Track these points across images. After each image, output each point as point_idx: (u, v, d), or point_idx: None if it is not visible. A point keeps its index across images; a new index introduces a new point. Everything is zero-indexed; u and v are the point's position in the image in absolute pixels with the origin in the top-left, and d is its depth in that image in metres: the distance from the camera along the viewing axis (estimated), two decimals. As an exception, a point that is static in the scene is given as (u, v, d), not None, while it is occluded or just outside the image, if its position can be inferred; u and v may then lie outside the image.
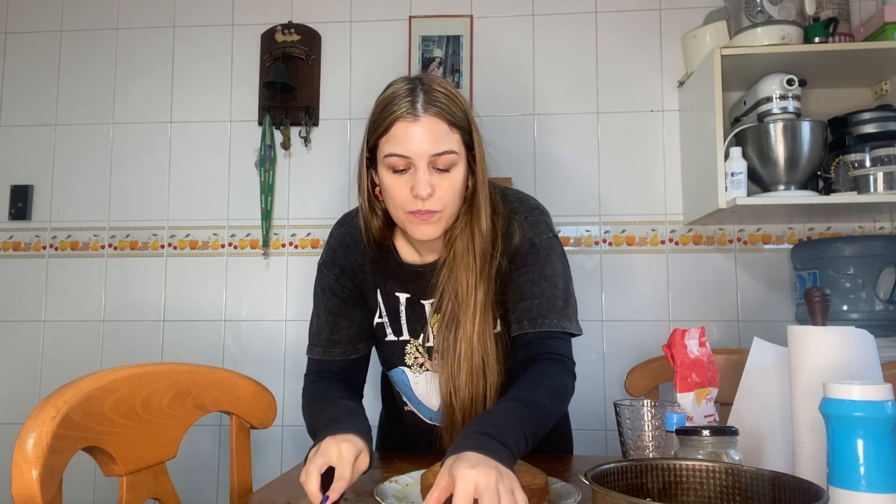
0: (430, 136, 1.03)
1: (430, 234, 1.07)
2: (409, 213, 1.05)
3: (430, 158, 1.03)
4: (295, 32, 2.22)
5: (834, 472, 0.72)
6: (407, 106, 1.03)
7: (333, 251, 1.20)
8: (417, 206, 1.04)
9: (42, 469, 0.69)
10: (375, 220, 1.14)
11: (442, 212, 1.06)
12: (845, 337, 0.86)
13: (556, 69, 2.20)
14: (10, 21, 2.36)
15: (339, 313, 1.17)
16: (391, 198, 1.06)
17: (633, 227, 2.13)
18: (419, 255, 1.18)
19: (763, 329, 2.02)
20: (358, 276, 1.18)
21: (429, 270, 1.16)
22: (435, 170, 1.05)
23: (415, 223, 1.06)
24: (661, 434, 0.99)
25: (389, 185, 1.05)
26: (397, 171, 1.04)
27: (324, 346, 1.17)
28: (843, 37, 1.97)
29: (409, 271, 1.17)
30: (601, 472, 0.69)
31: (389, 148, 1.04)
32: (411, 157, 1.03)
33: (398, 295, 1.18)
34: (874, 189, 1.77)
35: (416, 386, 1.21)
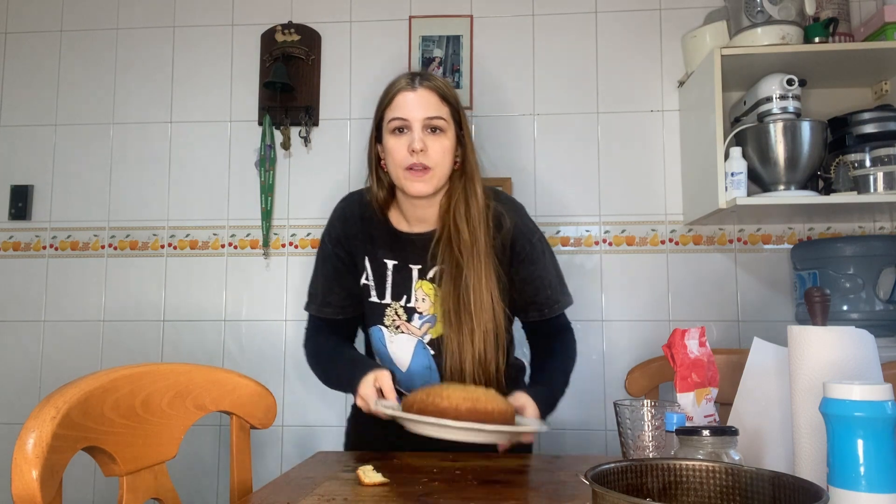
0: (423, 103, 1.26)
1: (422, 190, 1.26)
2: (405, 170, 1.25)
3: (424, 121, 1.25)
4: (295, 32, 2.22)
5: (834, 472, 0.72)
6: (407, 81, 1.28)
7: (332, 223, 1.39)
8: (413, 161, 1.24)
9: (42, 469, 0.69)
10: (381, 191, 1.34)
11: (433, 170, 1.26)
12: (845, 337, 0.86)
13: (556, 69, 2.20)
14: (10, 21, 2.36)
15: (333, 280, 1.36)
16: (392, 157, 1.27)
17: (633, 227, 2.13)
18: (409, 225, 1.35)
19: (763, 329, 2.02)
20: (351, 244, 1.36)
21: (420, 238, 1.34)
22: (428, 132, 1.26)
23: (410, 179, 1.25)
24: (661, 434, 0.99)
25: (391, 147, 1.27)
26: (397, 133, 1.26)
27: (318, 305, 1.38)
28: (843, 37, 1.97)
29: (401, 239, 1.35)
30: (601, 472, 0.69)
31: (391, 114, 1.27)
32: (408, 118, 1.25)
33: (386, 261, 1.34)
34: (874, 189, 1.77)
35: (390, 345, 1.35)
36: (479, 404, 1.07)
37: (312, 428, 2.14)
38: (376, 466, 1.08)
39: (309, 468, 1.14)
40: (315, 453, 1.28)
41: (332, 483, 1.02)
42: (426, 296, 1.33)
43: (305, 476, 1.08)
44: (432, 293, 1.33)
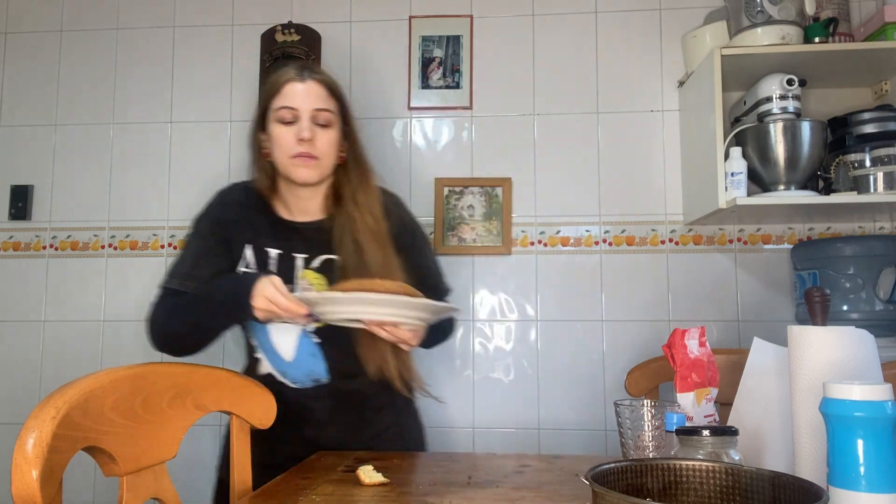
0: (312, 94, 1.30)
1: (309, 177, 1.29)
2: (292, 157, 1.28)
3: (312, 112, 1.29)
4: (295, 32, 2.22)
5: (834, 472, 0.72)
6: (296, 72, 1.32)
7: (210, 208, 1.39)
8: (301, 150, 1.27)
9: (42, 469, 0.69)
10: (263, 178, 1.36)
11: (320, 160, 1.30)
12: (845, 337, 0.86)
13: (556, 69, 2.20)
14: (10, 21, 2.36)
15: (203, 255, 1.34)
16: (279, 145, 1.29)
17: (633, 227, 2.13)
18: (292, 214, 1.37)
19: (763, 329, 2.02)
20: (229, 230, 1.34)
21: (305, 228, 1.36)
22: (316, 124, 1.29)
23: (297, 166, 1.28)
24: (661, 434, 0.99)
25: (278, 135, 1.29)
26: (285, 122, 1.29)
27: (180, 279, 1.32)
28: (843, 37, 1.97)
29: (286, 228, 1.36)
30: (601, 472, 0.69)
31: (279, 102, 1.29)
32: (297, 108, 1.28)
33: (269, 250, 1.34)
34: (874, 189, 1.77)
35: (273, 334, 1.33)
36: (406, 289, 1.12)
37: (312, 428, 2.14)
38: (376, 466, 1.08)
39: (309, 468, 1.14)
40: (315, 453, 1.28)
41: (332, 483, 1.02)
42: (311, 285, 1.32)
43: (305, 476, 1.08)
44: (318, 282, 1.32)
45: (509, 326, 2.13)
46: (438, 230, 2.14)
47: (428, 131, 2.21)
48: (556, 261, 2.14)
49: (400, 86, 2.23)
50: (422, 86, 2.22)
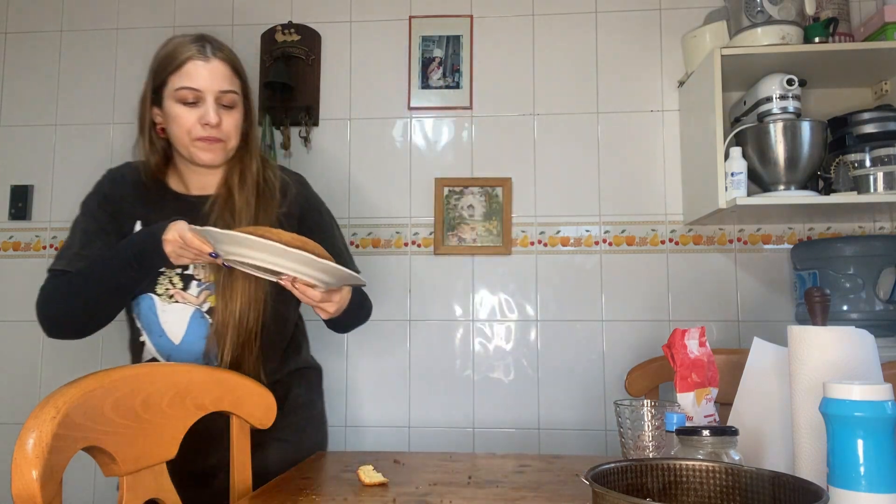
0: (218, 75, 1.23)
1: (214, 160, 1.25)
2: (196, 140, 1.22)
3: (218, 94, 1.23)
4: (295, 32, 2.22)
5: (834, 472, 0.72)
6: (198, 48, 1.23)
7: (101, 184, 1.33)
8: (206, 133, 1.22)
9: (42, 469, 0.69)
10: (154, 156, 1.29)
11: (226, 142, 1.25)
12: (845, 337, 0.86)
13: (556, 69, 2.20)
14: (10, 21, 2.36)
15: (93, 234, 1.27)
16: (180, 127, 1.23)
17: (633, 227, 2.13)
18: (188, 189, 1.32)
19: (763, 329, 2.02)
20: (118, 208, 1.28)
21: (201, 202, 1.29)
22: (221, 106, 1.24)
23: (201, 148, 1.23)
24: (661, 434, 0.99)
25: (179, 116, 1.22)
26: (187, 103, 1.22)
27: (69, 259, 1.24)
28: (843, 37, 1.97)
29: (181, 202, 1.30)
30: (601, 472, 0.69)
31: (181, 82, 1.22)
32: (202, 90, 1.22)
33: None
34: (874, 189, 1.77)
35: (162, 314, 1.26)
36: (308, 246, 1.06)
37: (312, 428, 2.14)
38: (376, 466, 1.08)
39: (309, 468, 1.14)
40: (315, 453, 1.28)
41: (332, 483, 1.02)
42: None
43: (305, 476, 1.08)
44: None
45: (509, 326, 2.13)
46: (438, 230, 2.14)
47: (428, 131, 2.21)
48: (556, 261, 2.14)
49: (400, 86, 2.23)
50: (422, 86, 2.22)
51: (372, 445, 2.10)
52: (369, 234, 2.18)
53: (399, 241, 2.17)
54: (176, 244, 1.13)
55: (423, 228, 2.17)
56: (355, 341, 2.15)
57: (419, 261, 2.16)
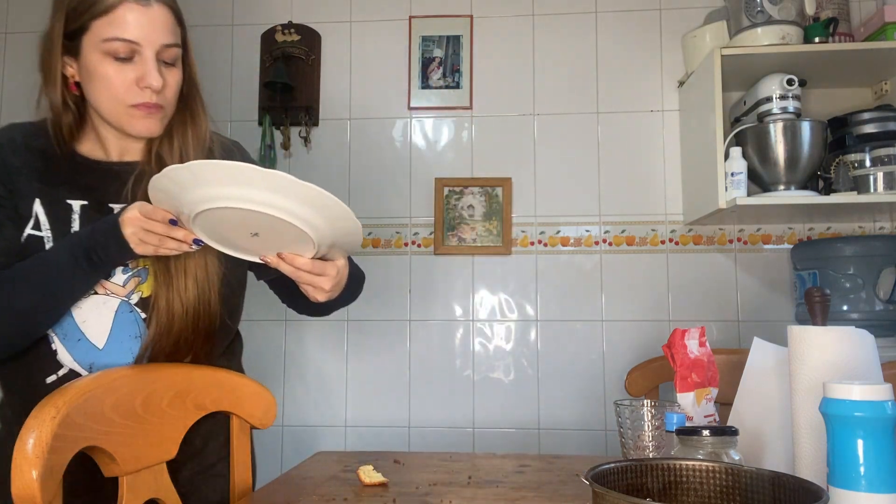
0: (161, 25, 0.99)
1: (153, 131, 1.02)
2: (131, 107, 0.98)
3: (160, 48, 0.99)
4: (295, 32, 2.22)
5: (834, 472, 0.72)
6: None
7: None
8: (144, 99, 0.98)
9: (42, 469, 0.69)
10: (67, 116, 1.03)
11: (165, 109, 1.02)
12: (845, 337, 0.86)
13: (556, 69, 2.20)
14: (10, 21, 2.36)
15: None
16: (108, 88, 0.97)
17: (633, 227, 2.13)
18: (107, 153, 1.06)
19: (763, 329, 2.02)
20: (14, 182, 1.01)
21: (126, 170, 1.04)
22: (162, 62, 1.00)
23: (138, 117, 0.99)
24: (661, 434, 0.99)
25: (107, 74, 0.97)
26: (119, 58, 0.96)
27: None
28: (843, 37, 1.97)
29: (97, 171, 1.04)
30: (601, 472, 0.69)
31: (112, 31, 0.95)
32: (141, 43, 0.97)
33: (70, 203, 1.01)
34: (874, 189, 1.77)
35: (77, 311, 0.99)
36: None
37: (312, 428, 2.14)
38: (376, 466, 1.08)
39: (309, 468, 1.14)
40: (315, 453, 1.28)
41: (332, 483, 1.02)
42: None
43: (305, 476, 1.08)
44: None
45: (509, 326, 2.13)
46: (438, 230, 2.14)
47: (428, 131, 2.21)
48: (556, 261, 2.14)
49: (400, 86, 2.23)
50: (422, 86, 2.22)
51: (372, 445, 2.10)
52: (369, 234, 2.18)
53: (399, 241, 2.17)
54: (137, 222, 0.90)
55: (423, 228, 2.17)
56: (355, 341, 2.16)
57: (419, 261, 2.16)
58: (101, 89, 0.98)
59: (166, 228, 0.91)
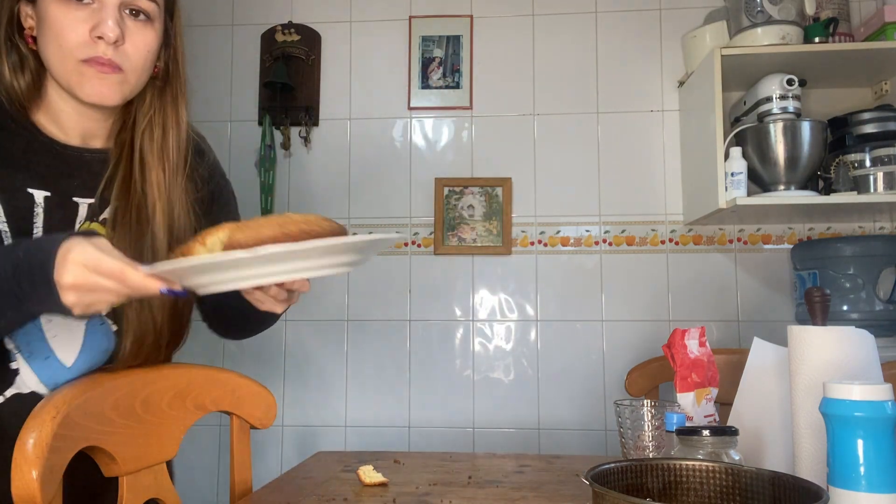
0: None
1: (106, 97, 0.83)
2: (82, 62, 0.81)
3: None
4: (295, 32, 2.22)
5: (834, 472, 0.72)
6: None
7: None
8: (97, 52, 0.81)
9: (42, 469, 0.69)
10: (22, 77, 0.84)
11: (126, 74, 0.84)
12: (845, 337, 0.86)
13: (556, 69, 2.20)
14: (10, 21, 2.36)
15: None
16: (57, 36, 0.80)
17: (633, 227, 2.13)
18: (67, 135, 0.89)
19: (763, 329, 2.02)
20: None
21: (95, 158, 0.90)
22: (128, 14, 0.83)
23: (88, 76, 0.81)
24: (661, 434, 0.99)
25: (57, 18, 0.80)
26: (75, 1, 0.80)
27: None
28: (843, 37, 1.97)
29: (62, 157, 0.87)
30: (601, 472, 0.69)
31: None
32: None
33: (31, 192, 0.85)
34: (874, 189, 1.77)
35: (49, 327, 0.86)
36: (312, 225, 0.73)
37: (312, 428, 2.14)
38: (376, 466, 1.08)
39: (309, 468, 1.14)
40: (315, 453, 1.28)
41: (332, 483, 1.02)
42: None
43: (305, 476, 1.08)
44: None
45: (509, 326, 2.13)
46: (438, 230, 2.14)
47: (428, 131, 2.21)
48: (556, 261, 2.14)
49: (400, 86, 2.23)
50: (422, 86, 2.22)
51: (372, 445, 2.10)
52: (369, 234, 2.18)
53: (399, 241, 2.17)
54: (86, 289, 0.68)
55: (423, 228, 2.17)
56: (355, 341, 2.15)
57: (419, 261, 2.16)
58: (51, 39, 0.81)
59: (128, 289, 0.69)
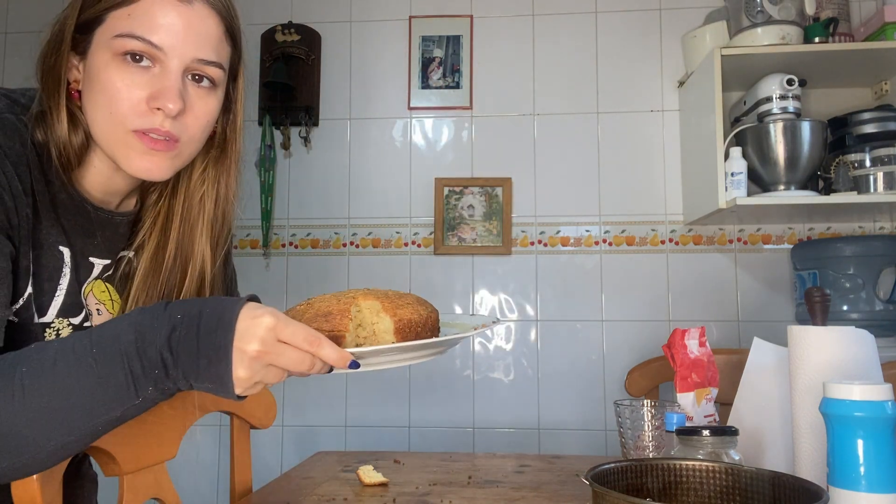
0: (198, 31, 0.74)
1: (155, 173, 0.76)
2: (133, 132, 0.73)
3: (191, 63, 0.74)
4: (295, 32, 2.22)
5: (834, 472, 0.72)
6: None
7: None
8: (152, 124, 0.73)
9: (42, 469, 0.69)
10: (76, 135, 0.76)
11: (181, 146, 0.76)
12: (845, 337, 0.86)
13: (556, 69, 2.20)
14: (10, 21, 2.36)
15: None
16: (110, 100, 0.72)
17: (633, 227, 2.13)
18: (102, 196, 0.83)
19: (763, 329, 2.02)
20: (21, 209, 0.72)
21: (124, 221, 0.85)
22: (191, 81, 0.76)
23: (137, 150, 0.74)
24: (661, 434, 0.99)
25: (110, 79, 0.72)
26: (133, 63, 0.72)
27: None
28: (843, 37, 1.97)
29: (92, 218, 0.81)
30: (601, 472, 0.69)
31: (129, 26, 0.71)
32: (164, 49, 0.72)
33: (62, 250, 0.79)
34: (874, 189, 1.77)
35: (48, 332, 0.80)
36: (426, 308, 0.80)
37: (312, 428, 2.14)
38: (376, 466, 1.08)
39: (309, 468, 1.14)
40: (315, 453, 1.28)
41: (332, 483, 1.02)
42: (101, 303, 0.84)
43: (305, 476, 1.08)
44: (108, 299, 0.85)
45: (509, 326, 2.13)
46: (438, 230, 2.14)
47: (428, 131, 2.21)
48: (556, 261, 2.14)
49: (400, 86, 2.23)
50: (422, 86, 2.22)
51: (372, 445, 2.10)
52: (369, 234, 2.18)
53: (399, 241, 2.17)
54: (267, 361, 0.63)
55: (423, 228, 2.17)
56: (355, 341, 2.15)
57: (419, 261, 2.16)
58: (101, 102, 0.73)
59: (317, 352, 0.65)
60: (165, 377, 0.63)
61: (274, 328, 0.62)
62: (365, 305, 0.75)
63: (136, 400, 0.63)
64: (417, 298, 0.81)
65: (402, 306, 0.77)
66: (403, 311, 0.76)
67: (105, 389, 0.62)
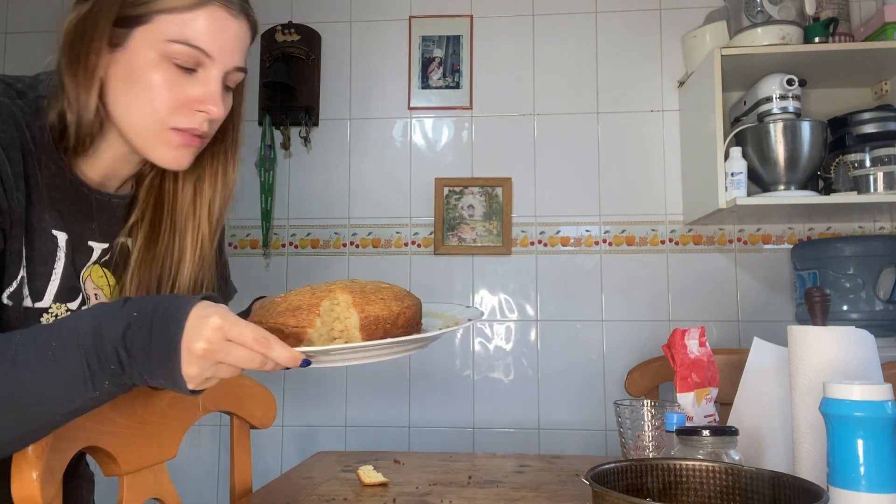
0: (241, 43, 0.81)
1: (182, 163, 0.82)
2: (171, 129, 0.78)
3: (231, 70, 0.81)
4: (295, 32, 2.22)
5: (834, 472, 0.72)
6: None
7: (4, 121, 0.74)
8: (192, 124, 0.79)
9: (42, 469, 0.69)
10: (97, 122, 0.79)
11: (204, 141, 0.83)
12: (845, 337, 0.86)
13: (556, 69, 2.20)
14: (10, 21, 2.36)
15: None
16: (152, 98, 0.77)
17: (633, 227, 2.13)
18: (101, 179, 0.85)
19: (763, 329, 2.02)
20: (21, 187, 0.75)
21: (121, 204, 0.88)
22: (225, 87, 0.83)
23: (172, 144, 0.79)
24: (661, 434, 0.99)
25: (157, 82, 0.76)
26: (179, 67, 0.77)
27: None
28: (843, 37, 1.97)
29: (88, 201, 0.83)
30: (601, 472, 0.69)
31: (184, 33, 0.76)
32: (214, 57, 0.78)
33: (55, 234, 0.80)
34: (874, 189, 1.77)
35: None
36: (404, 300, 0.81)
37: (312, 428, 2.14)
38: (376, 466, 1.08)
39: (309, 468, 1.14)
40: (315, 453, 1.28)
41: (332, 483, 1.02)
42: (98, 288, 0.86)
43: (305, 476, 1.08)
44: (105, 284, 0.86)
45: (509, 326, 2.13)
46: (438, 230, 2.14)
47: (428, 131, 2.21)
48: (556, 261, 2.14)
49: (400, 86, 2.23)
50: (422, 86, 2.22)
51: (372, 445, 2.10)
52: (369, 234, 2.18)
53: (399, 241, 2.17)
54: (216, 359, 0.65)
55: (423, 228, 2.17)
56: (355, 341, 2.15)
57: (419, 261, 2.16)
58: (143, 99, 0.77)
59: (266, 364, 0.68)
60: (121, 372, 0.65)
61: (221, 328, 0.64)
62: (342, 299, 0.77)
63: (93, 393, 0.65)
64: (397, 293, 0.81)
65: (372, 302, 0.77)
66: (372, 307, 0.77)
67: (63, 382, 0.64)
